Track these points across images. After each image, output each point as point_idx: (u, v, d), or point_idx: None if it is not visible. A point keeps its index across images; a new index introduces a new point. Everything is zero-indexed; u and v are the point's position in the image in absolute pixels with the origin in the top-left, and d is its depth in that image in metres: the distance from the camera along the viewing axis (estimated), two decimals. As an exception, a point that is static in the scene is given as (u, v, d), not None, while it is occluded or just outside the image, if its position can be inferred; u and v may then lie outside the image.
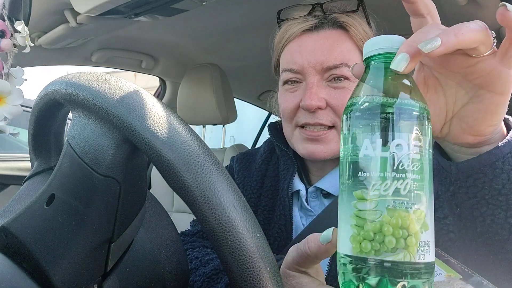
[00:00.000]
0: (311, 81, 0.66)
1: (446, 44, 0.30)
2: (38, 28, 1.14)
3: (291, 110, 0.69)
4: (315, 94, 0.64)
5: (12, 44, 0.44)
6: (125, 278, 0.40)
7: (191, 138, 0.32)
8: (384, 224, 0.29)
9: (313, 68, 0.66)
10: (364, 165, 0.31)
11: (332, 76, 0.66)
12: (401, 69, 0.31)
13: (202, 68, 1.52)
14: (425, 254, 0.30)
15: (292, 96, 0.69)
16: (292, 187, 0.74)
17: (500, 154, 0.38)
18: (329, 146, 0.67)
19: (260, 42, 0.80)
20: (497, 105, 0.36)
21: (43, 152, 0.51)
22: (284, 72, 0.70)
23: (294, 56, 0.68)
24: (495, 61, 0.34)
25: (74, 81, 0.37)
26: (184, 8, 0.98)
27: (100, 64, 1.50)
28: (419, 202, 0.30)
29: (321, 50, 0.65)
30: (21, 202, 0.47)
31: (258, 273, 0.30)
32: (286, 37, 0.70)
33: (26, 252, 0.35)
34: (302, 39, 0.68)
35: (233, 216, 0.30)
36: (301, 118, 0.68)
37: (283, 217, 0.73)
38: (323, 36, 0.67)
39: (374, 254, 0.30)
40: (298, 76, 0.68)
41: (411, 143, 0.30)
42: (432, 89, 0.40)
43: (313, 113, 0.66)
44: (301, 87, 0.68)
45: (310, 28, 0.68)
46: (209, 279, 0.63)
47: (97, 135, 0.36)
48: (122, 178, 0.36)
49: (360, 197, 0.31)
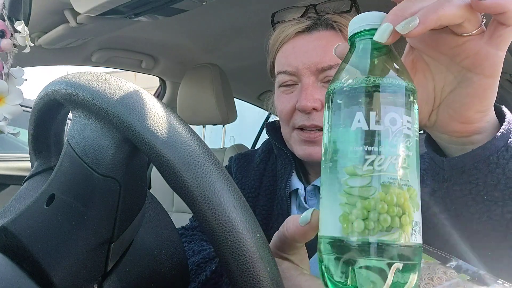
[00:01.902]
0: (306, 82, 0.66)
1: (424, 22, 0.29)
2: (38, 28, 1.14)
3: (288, 112, 0.70)
4: (310, 95, 0.65)
5: (12, 44, 0.44)
6: (125, 278, 0.40)
7: (191, 138, 0.32)
8: (379, 202, 0.27)
9: (308, 69, 0.66)
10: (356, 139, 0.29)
11: (327, 78, 0.66)
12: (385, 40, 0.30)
13: (202, 68, 1.52)
14: (417, 235, 0.28)
15: (288, 98, 0.69)
16: (290, 186, 0.75)
17: (494, 148, 0.37)
18: None
19: (260, 42, 0.80)
20: (485, 89, 0.35)
21: (43, 152, 0.51)
22: (280, 75, 0.70)
23: (288, 58, 0.68)
24: (483, 41, 0.33)
25: (74, 81, 0.37)
26: (184, 8, 0.98)
27: (100, 64, 1.50)
28: (412, 179, 0.28)
29: (315, 51, 0.66)
30: (21, 202, 0.47)
31: (258, 273, 0.30)
32: (280, 39, 0.70)
33: (26, 252, 0.35)
34: (296, 41, 0.69)
35: (233, 216, 0.30)
36: (297, 120, 0.68)
37: (281, 216, 0.73)
38: (317, 37, 0.67)
39: (367, 234, 0.27)
40: (293, 78, 0.68)
41: (404, 119, 0.29)
42: (420, 73, 0.39)
43: (309, 114, 0.66)
44: (297, 89, 0.69)
45: (304, 30, 0.68)
46: (197, 267, 0.64)
47: (97, 135, 0.36)
48: (122, 178, 0.36)
49: (352, 173, 0.28)
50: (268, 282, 0.31)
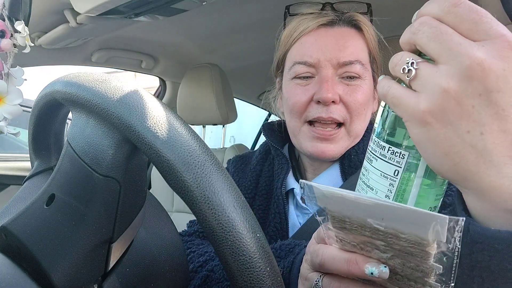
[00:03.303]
0: (327, 74, 0.66)
1: None
2: (38, 28, 1.14)
3: (302, 105, 0.68)
4: (331, 87, 0.64)
5: (12, 44, 0.44)
6: (125, 278, 0.40)
7: (191, 138, 0.32)
8: None
9: (329, 62, 0.66)
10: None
11: (346, 74, 0.66)
12: None
13: (202, 68, 1.52)
14: None
15: (304, 90, 0.68)
16: (286, 186, 0.75)
17: None
18: (339, 145, 0.68)
19: (260, 42, 0.80)
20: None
21: (43, 152, 0.51)
22: (296, 65, 0.69)
23: (309, 49, 0.68)
24: None
25: (74, 81, 0.37)
26: (184, 8, 0.98)
27: (100, 64, 1.50)
28: None
29: (337, 45, 0.66)
30: (21, 202, 0.47)
31: (258, 273, 0.30)
32: (300, 31, 0.70)
33: (26, 252, 0.35)
34: (318, 33, 0.68)
35: (233, 216, 0.30)
36: (312, 112, 0.67)
37: (277, 215, 0.73)
38: (339, 32, 0.68)
39: None
40: (311, 70, 0.67)
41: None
42: None
43: (327, 107, 0.65)
44: (313, 81, 0.68)
45: (327, 23, 0.68)
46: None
47: (97, 135, 0.36)
48: (122, 178, 0.36)
49: None
50: (268, 282, 0.31)
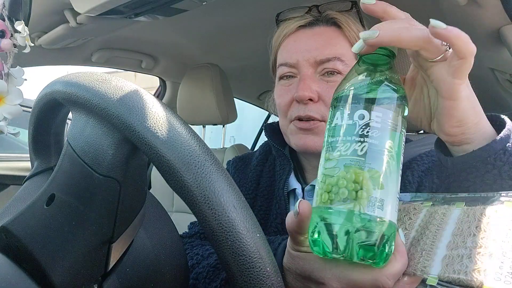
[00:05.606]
0: (305, 73, 0.68)
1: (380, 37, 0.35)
2: (38, 28, 1.14)
3: (286, 104, 0.71)
4: (308, 86, 0.66)
5: (12, 44, 0.44)
6: (125, 278, 0.40)
7: (191, 138, 0.32)
8: (340, 178, 0.35)
9: (307, 61, 0.68)
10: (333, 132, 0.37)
11: (325, 70, 0.68)
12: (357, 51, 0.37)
13: (202, 68, 1.52)
14: (376, 209, 0.34)
15: (287, 90, 0.71)
16: (288, 186, 0.75)
17: (492, 150, 0.40)
18: (320, 138, 0.68)
19: (260, 42, 0.81)
20: (448, 109, 0.39)
21: (43, 152, 0.51)
22: (280, 67, 0.72)
23: (290, 50, 0.71)
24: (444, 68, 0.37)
25: (74, 81, 0.37)
26: (184, 8, 0.98)
27: (100, 64, 1.50)
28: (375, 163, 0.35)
29: (315, 45, 0.68)
30: (21, 202, 0.47)
31: (258, 273, 0.30)
32: (282, 34, 0.73)
33: (26, 252, 0.35)
34: (297, 35, 0.71)
35: (233, 216, 0.30)
36: (294, 111, 0.70)
37: (279, 216, 0.73)
38: (318, 32, 0.70)
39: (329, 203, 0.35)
40: (293, 71, 0.70)
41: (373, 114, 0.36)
42: (418, 87, 0.44)
43: (305, 105, 0.67)
44: (295, 81, 0.70)
45: (305, 24, 0.71)
46: (214, 268, 0.64)
47: (97, 135, 0.36)
48: (122, 178, 0.36)
49: (327, 158, 0.37)
50: (268, 282, 0.31)
